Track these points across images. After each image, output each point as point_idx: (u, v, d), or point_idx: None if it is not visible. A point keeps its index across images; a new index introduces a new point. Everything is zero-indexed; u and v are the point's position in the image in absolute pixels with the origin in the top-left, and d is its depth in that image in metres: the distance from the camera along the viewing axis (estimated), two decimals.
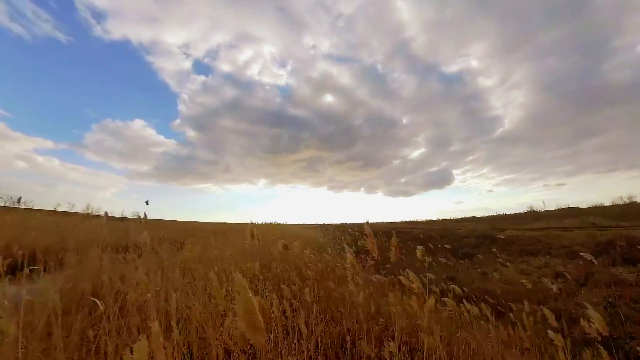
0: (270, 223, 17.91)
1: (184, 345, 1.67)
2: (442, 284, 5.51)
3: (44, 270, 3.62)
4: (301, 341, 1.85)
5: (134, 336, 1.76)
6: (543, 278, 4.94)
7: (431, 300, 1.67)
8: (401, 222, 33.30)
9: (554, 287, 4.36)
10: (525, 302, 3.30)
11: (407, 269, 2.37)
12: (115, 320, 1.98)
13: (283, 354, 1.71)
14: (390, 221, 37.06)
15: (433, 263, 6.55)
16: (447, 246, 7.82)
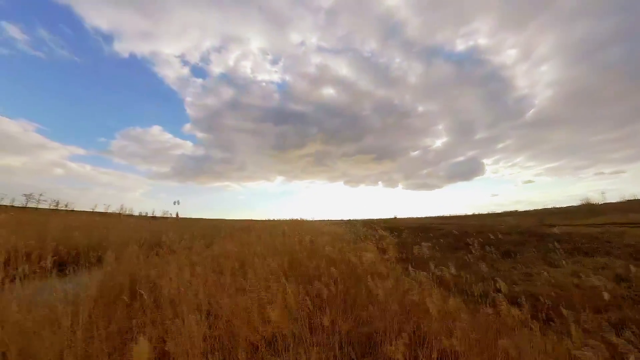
0: (295, 219, 18.26)
1: (214, 339, 1.78)
2: (481, 284, 5.24)
3: (86, 266, 4.03)
4: (328, 335, 1.88)
5: (167, 327, 1.91)
6: (601, 280, 4.50)
7: (457, 301, 1.60)
8: (431, 217, 32.04)
9: (616, 292, 3.94)
10: (579, 309, 3.03)
11: (439, 267, 2.29)
12: (150, 313, 2.16)
13: (308, 349, 1.75)
14: (418, 216, 35.80)
15: (470, 261, 6.25)
16: (486, 243, 7.40)
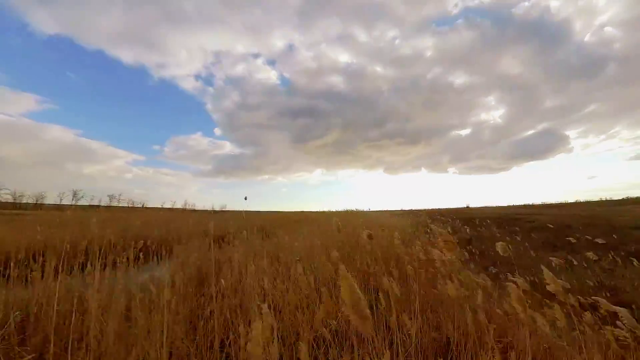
0: (349, 211, 18.33)
1: (278, 330, 1.87)
2: (590, 292, 4.45)
3: (161, 257, 4.71)
4: (401, 340, 1.81)
5: (232, 315, 2.10)
6: None
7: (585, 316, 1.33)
8: (515, 206, 28.35)
9: None
10: None
11: (529, 269, 1.99)
12: (220, 301, 2.39)
13: (377, 352, 1.70)
14: (497, 205, 32.09)
15: (575, 264, 5.35)
16: (600, 240, 6.19)
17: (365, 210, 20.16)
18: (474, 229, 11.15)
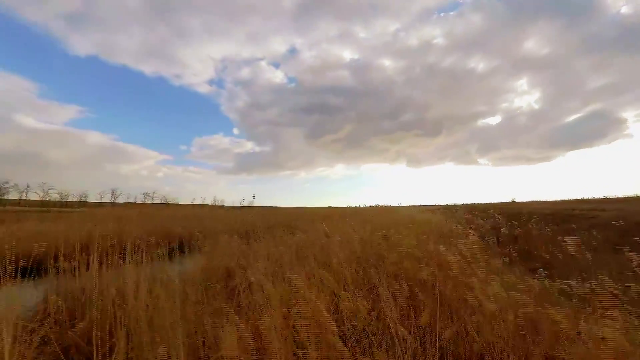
0: (380, 206, 18.05)
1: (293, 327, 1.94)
2: None
3: (190, 251, 5.03)
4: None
5: (255, 310, 2.20)
6: None
7: None
8: (569, 200, 25.88)
9: None
10: None
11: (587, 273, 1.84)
12: (248, 295, 2.52)
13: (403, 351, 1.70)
14: (548, 199, 29.53)
15: None
16: None
17: (396, 205, 19.70)
18: (520, 226, 10.41)
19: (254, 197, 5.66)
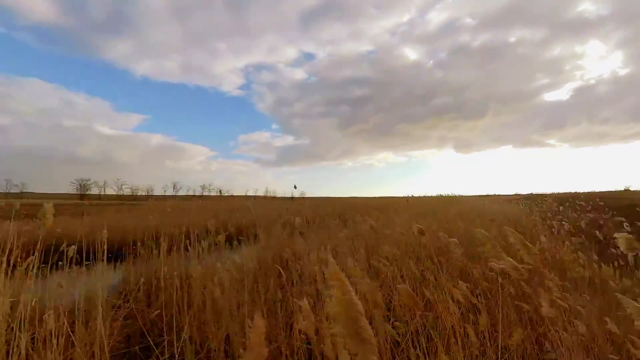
0: (444, 196, 16.99)
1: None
2: None
3: (246, 241, 5.47)
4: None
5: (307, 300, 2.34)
6: None
7: None
8: None
9: None
10: None
11: None
12: (297, 286, 2.70)
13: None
14: None
15: None
16: None
17: (455, 195, 18.19)
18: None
19: (295, 187, 6.15)
